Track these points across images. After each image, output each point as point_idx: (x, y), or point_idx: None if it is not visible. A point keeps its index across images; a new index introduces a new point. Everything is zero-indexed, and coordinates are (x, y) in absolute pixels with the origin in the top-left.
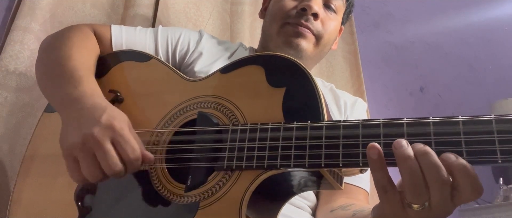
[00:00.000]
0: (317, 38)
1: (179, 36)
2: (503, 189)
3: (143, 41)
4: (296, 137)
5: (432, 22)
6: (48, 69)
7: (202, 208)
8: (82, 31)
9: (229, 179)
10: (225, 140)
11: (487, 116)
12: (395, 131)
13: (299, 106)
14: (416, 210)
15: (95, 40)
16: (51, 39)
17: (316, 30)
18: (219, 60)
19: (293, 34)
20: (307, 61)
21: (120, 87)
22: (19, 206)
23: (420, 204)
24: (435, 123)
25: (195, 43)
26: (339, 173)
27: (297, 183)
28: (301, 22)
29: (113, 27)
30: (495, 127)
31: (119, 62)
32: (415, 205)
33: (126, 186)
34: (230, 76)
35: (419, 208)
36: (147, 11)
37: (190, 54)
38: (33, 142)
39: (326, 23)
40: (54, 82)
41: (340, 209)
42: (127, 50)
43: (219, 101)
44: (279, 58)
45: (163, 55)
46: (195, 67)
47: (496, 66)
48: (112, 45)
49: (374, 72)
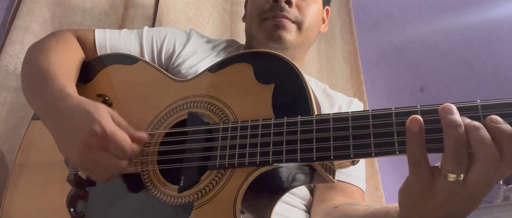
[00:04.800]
0: (297, 25)
1: (165, 37)
2: (503, 189)
3: (128, 43)
4: (287, 132)
5: (432, 22)
6: (28, 78)
7: (196, 208)
8: (63, 36)
9: (222, 178)
10: (217, 139)
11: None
12: (384, 120)
13: (289, 101)
14: (450, 181)
15: (77, 44)
16: (32, 47)
17: (294, 16)
18: (206, 60)
19: (272, 28)
20: (294, 51)
21: (108, 91)
22: (9, 216)
23: (457, 174)
24: (423, 111)
25: (181, 44)
26: (331, 166)
27: (290, 178)
28: (277, 13)
29: (96, 31)
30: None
31: (105, 66)
32: (452, 175)
33: (118, 190)
34: (218, 75)
35: (454, 179)
36: (147, 11)
37: (177, 55)
38: (22, 150)
39: (303, 8)
40: (32, 90)
41: (347, 205)
42: (113, 54)
43: (209, 101)
44: (266, 55)
45: (148, 56)
46: (182, 68)
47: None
48: (96, 48)
49: (374, 72)
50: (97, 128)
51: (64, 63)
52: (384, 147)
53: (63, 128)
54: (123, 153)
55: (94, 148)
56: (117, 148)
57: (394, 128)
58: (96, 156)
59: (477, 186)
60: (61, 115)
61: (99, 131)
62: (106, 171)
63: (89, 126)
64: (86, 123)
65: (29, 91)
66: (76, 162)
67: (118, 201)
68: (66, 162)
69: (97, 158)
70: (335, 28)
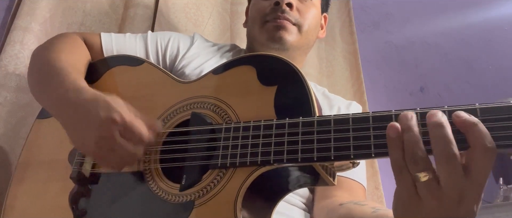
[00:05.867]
0: (298, 27)
1: (169, 40)
2: (503, 189)
3: (133, 46)
4: (288, 133)
5: (432, 22)
6: (38, 76)
7: (197, 206)
8: (71, 38)
9: (224, 177)
10: (219, 139)
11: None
12: (385, 123)
13: (291, 103)
14: (424, 181)
15: (84, 46)
16: (40, 48)
17: (295, 19)
18: (210, 61)
19: (274, 29)
20: (294, 52)
21: (113, 92)
22: (12, 213)
23: (419, 172)
24: (422, 114)
25: (185, 47)
26: (332, 168)
27: (291, 180)
28: (278, 15)
29: (102, 34)
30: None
31: (111, 67)
32: (421, 174)
33: (121, 187)
34: (222, 77)
35: (426, 178)
36: (147, 11)
37: (181, 57)
38: (26, 149)
39: (303, 12)
40: (44, 87)
41: (352, 203)
42: (119, 55)
43: (212, 102)
44: (270, 58)
45: (153, 59)
46: (186, 70)
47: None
48: (103, 52)
49: (374, 72)
50: (116, 116)
51: (74, 62)
52: (384, 149)
53: (79, 118)
54: (141, 140)
55: (112, 136)
56: (135, 135)
57: None
58: (113, 144)
59: (452, 183)
60: (76, 106)
61: (118, 119)
62: (122, 159)
63: (109, 114)
64: (105, 112)
65: (40, 89)
66: (92, 151)
67: (120, 199)
68: (69, 160)
69: (114, 146)
70: (335, 28)
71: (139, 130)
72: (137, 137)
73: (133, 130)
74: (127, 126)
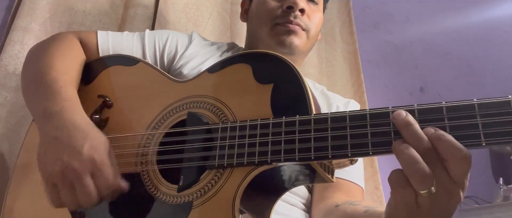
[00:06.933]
0: (306, 32)
1: (167, 39)
2: (503, 189)
3: (130, 45)
4: (285, 131)
5: (432, 22)
6: (30, 80)
7: (196, 207)
8: (66, 39)
9: (221, 177)
10: (216, 138)
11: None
12: (382, 120)
13: (287, 101)
14: (424, 194)
15: (80, 47)
16: (35, 49)
17: (305, 24)
18: (209, 60)
19: (284, 33)
20: (299, 56)
21: (109, 92)
22: (12, 214)
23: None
24: (419, 111)
25: (183, 46)
26: (330, 165)
27: (289, 178)
28: (290, 20)
29: (99, 33)
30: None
31: (107, 67)
32: (423, 191)
33: None
34: (218, 75)
35: (426, 193)
36: (147, 11)
37: (179, 56)
38: (23, 151)
39: (312, 16)
40: (34, 94)
41: (347, 204)
42: (114, 55)
43: (208, 101)
44: (265, 55)
45: (150, 58)
46: (184, 69)
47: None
48: (98, 51)
49: (374, 72)
50: (97, 158)
51: (66, 68)
52: (382, 146)
53: (59, 139)
54: (106, 189)
55: (83, 173)
56: (105, 184)
57: (391, 127)
58: (79, 181)
59: (444, 189)
60: (63, 127)
61: (98, 162)
62: (75, 198)
63: (92, 153)
64: (90, 149)
65: (28, 97)
66: (52, 175)
67: (117, 201)
68: None
69: (78, 183)
70: (335, 28)
71: (110, 180)
72: (105, 185)
73: (106, 179)
74: (101, 172)
